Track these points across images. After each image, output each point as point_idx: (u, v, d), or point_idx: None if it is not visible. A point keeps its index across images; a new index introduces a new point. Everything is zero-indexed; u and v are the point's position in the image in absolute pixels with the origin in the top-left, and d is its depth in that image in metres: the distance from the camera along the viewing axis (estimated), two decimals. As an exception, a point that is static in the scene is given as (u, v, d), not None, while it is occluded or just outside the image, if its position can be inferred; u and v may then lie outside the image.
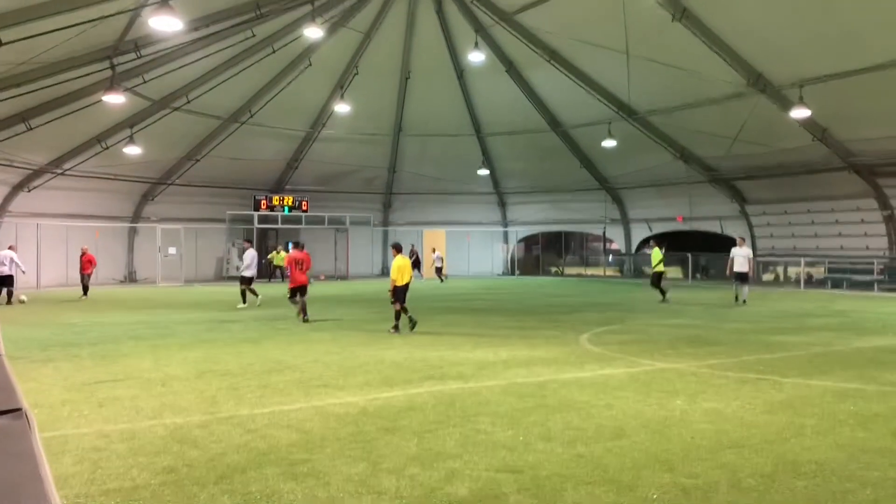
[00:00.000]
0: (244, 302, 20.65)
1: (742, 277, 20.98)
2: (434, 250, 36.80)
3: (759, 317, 17.72)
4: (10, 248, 22.78)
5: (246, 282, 20.91)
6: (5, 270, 21.88)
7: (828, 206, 29.49)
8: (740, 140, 27.40)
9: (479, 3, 26.67)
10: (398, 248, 15.13)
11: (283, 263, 35.33)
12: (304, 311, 16.70)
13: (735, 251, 21.36)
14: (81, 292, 24.33)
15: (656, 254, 23.02)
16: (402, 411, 7.39)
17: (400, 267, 14.43)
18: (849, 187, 27.93)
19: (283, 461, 5.68)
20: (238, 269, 25.70)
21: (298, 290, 16.86)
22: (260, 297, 20.82)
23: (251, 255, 21.16)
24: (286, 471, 5.44)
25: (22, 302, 21.79)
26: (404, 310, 14.50)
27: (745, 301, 20.74)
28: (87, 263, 24.55)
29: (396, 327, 14.35)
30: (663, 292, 22.25)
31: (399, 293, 14.44)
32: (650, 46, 24.26)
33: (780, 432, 6.56)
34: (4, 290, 21.79)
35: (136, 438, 6.36)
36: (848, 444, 6.19)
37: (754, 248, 33.08)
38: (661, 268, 22.69)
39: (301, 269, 17.08)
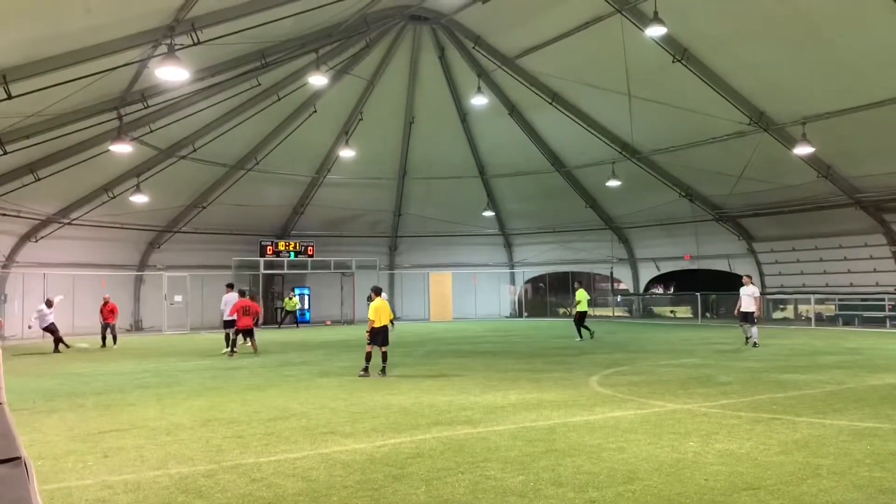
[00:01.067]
0: (228, 346, 20.55)
1: (748, 317, 19.97)
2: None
3: (770, 355, 17.54)
4: (47, 302, 23.44)
5: (228, 326, 21.00)
6: (48, 320, 22.71)
7: (835, 242, 29.41)
8: (745, 178, 27.50)
9: (480, 48, 27.11)
10: (377, 291, 15.28)
11: (295, 308, 35.27)
12: (233, 346, 19.85)
13: (742, 290, 20.38)
14: (100, 342, 24.30)
15: (581, 294, 23.85)
16: (409, 458, 7.27)
17: (377, 308, 14.66)
18: (856, 223, 27.90)
19: (289, 511, 5.57)
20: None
21: (243, 332, 19.83)
22: (229, 350, 20.34)
23: (224, 299, 21.48)
24: (292, 521, 5.33)
25: (85, 349, 22.66)
26: (384, 355, 14.60)
27: (756, 343, 19.43)
28: (109, 313, 24.46)
29: (366, 369, 14.44)
30: (583, 332, 23.30)
31: (376, 335, 14.57)
32: (651, 87, 24.53)
33: (795, 473, 6.42)
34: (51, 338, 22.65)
35: (141, 489, 6.26)
36: (866, 484, 6.04)
37: (763, 286, 32.96)
38: (583, 307, 23.65)
39: (248, 314, 19.82)
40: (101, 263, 32.22)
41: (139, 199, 28.56)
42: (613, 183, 30.69)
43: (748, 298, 20.03)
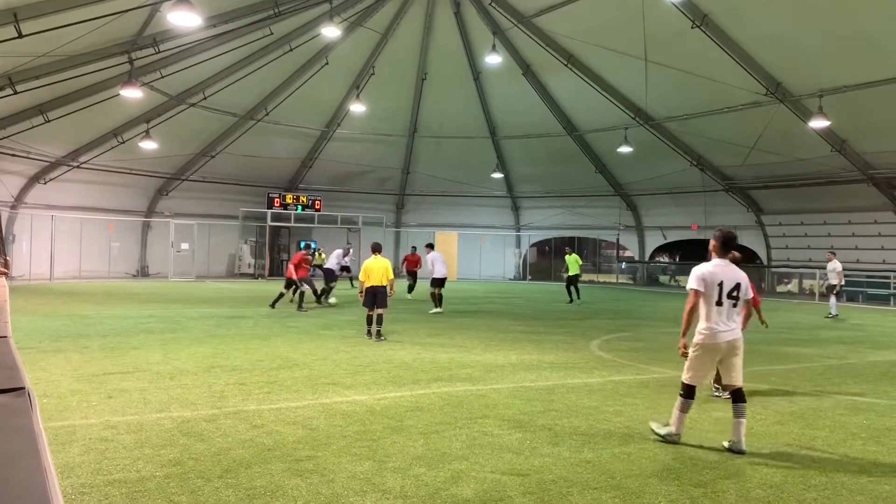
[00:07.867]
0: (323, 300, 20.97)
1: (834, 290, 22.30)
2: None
3: (771, 328, 17.48)
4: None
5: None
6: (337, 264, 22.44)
7: (844, 217, 29.21)
8: (757, 149, 27.23)
9: (497, 5, 26.66)
10: (375, 248, 14.08)
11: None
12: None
13: (829, 266, 22.63)
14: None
15: (571, 258, 25.10)
16: (409, 411, 7.37)
17: (366, 268, 13.61)
18: (867, 199, 27.68)
19: (289, 457, 5.67)
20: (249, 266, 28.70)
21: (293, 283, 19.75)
22: (333, 299, 20.95)
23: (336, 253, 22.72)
24: (291, 467, 5.42)
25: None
26: (378, 318, 13.45)
27: (834, 315, 21.46)
28: None
29: (369, 332, 13.52)
30: (572, 293, 24.51)
31: (366, 296, 13.56)
32: (668, 53, 24.15)
33: (790, 444, 6.50)
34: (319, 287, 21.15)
35: (144, 430, 6.37)
36: (859, 457, 6.11)
37: (769, 259, 32.89)
38: (574, 270, 24.89)
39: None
40: (109, 208, 32.30)
41: (148, 145, 28.49)
42: (625, 149, 30.40)
43: (832, 273, 22.39)
